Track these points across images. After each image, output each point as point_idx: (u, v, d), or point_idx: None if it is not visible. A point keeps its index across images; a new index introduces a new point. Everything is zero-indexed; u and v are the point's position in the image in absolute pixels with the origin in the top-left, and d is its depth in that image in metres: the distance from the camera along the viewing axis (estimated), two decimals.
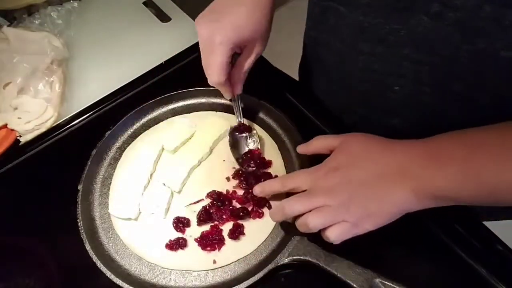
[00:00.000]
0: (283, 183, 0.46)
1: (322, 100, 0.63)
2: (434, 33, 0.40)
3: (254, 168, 0.53)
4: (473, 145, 0.38)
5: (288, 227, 0.49)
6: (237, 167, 0.54)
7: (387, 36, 0.44)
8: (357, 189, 0.41)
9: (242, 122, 0.56)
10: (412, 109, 0.50)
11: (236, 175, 0.53)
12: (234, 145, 0.55)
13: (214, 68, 0.49)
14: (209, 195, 0.52)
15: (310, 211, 0.41)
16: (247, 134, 0.56)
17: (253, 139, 0.56)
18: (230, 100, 0.57)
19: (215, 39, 0.47)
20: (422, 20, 0.40)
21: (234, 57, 0.52)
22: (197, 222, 0.50)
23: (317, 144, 0.48)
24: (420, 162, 0.40)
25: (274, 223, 0.50)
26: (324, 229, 0.41)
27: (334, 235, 0.40)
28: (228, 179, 0.54)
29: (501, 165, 0.35)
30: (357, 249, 0.40)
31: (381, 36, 0.44)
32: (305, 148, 0.49)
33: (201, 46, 0.49)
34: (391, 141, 0.43)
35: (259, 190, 0.48)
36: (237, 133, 0.56)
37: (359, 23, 0.45)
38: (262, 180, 0.52)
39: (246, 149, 0.55)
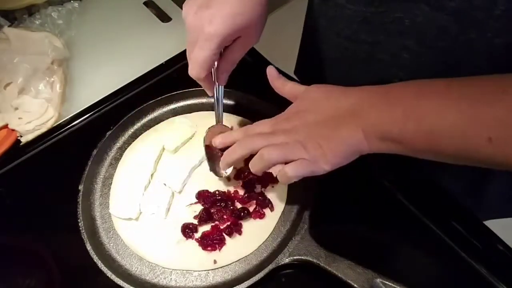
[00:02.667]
0: (245, 132, 0.47)
1: None
2: (433, 23, 0.41)
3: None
4: (421, 91, 0.39)
5: (288, 227, 0.49)
6: (238, 167, 0.54)
7: (391, 26, 0.44)
8: (313, 129, 0.42)
9: (221, 123, 0.53)
10: None
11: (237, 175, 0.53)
12: (211, 157, 0.52)
13: (196, 61, 0.44)
14: (200, 194, 0.52)
15: None
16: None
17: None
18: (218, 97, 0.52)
19: (203, 30, 0.42)
20: (423, 10, 0.40)
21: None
22: (198, 222, 0.50)
23: (281, 84, 0.49)
24: (371, 102, 0.41)
25: (275, 223, 0.50)
26: (282, 167, 0.42)
27: (292, 170, 0.41)
28: (228, 179, 0.54)
29: (441, 112, 0.36)
30: (357, 249, 0.40)
31: (385, 26, 0.45)
32: (273, 76, 0.49)
33: (187, 35, 0.45)
34: (351, 87, 0.44)
35: (219, 141, 0.48)
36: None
37: (362, 14, 0.45)
38: (263, 180, 0.52)
39: (219, 153, 0.50)
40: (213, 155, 0.52)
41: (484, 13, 0.37)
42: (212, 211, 0.51)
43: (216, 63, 0.48)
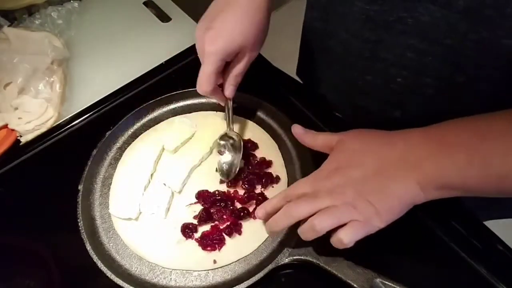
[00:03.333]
0: (285, 197, 0.43)
1: (322, 93, 0.63)
2: (441, 21, 0.40)
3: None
4: (479, 131, 0.37)
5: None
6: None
7: (394, 24, 0.44)
8: (360, 187, 0.39)
9: (232, 130, 0.55)
10: (413, 101, 0.50)
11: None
12: (221, 153, 0.54)
13: (202, 77, 0.48)
14: (200, 194, 0.52)
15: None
16: (231, 142, 0.54)
17: (236, 151, 0.53)
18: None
19: (205, 49, 0.46)
20: (429, 9, 0.40)
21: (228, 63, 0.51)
22: (197, 222, 0.50)
23: (310, 139, 0.47)
24: (422, 150, 0.38)
25: None
26: (335, 233, 0.39)
27: (347, 236, 0.38)
28: (230, 181, 0.54)
29: (508, 150, 0.34)
30: (357, 249, 0.40)
31: (388, 24, 0.44)
32: (300, 134, 0.48)
33: (198, 56, 0.50)
34: (389, 132, 0.42)
35: (261, 212, 0.44)
36: (223, 142, 0.54)
37: (366, 11, 0.45)
38: (263, 180, 0.52)
39: (229, 159, 0.53)
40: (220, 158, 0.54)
41: (496, 12, 0.36)
42: (212, 211, 0.51)
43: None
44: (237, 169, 0.52)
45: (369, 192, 0.39)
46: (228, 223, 0.50)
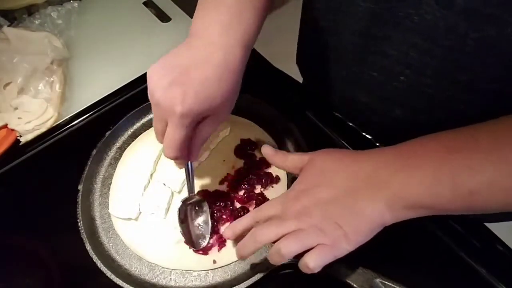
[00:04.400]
0: (254, 217, 0.42)
1: (323, 91, 0.62)
2: (441, 22, 0.40)
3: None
4: (446, 148, 0.36)
5: None
6: (237, 167, 0.54)
7: (403, 21, 0.43)
8: (328, 208, 0.38)
9: (194, 194, 0.50)
10: (415, 100, 0.50)
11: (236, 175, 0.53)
12: (184, 220, 0.49)
13: (173, 143, 0.41)
14: (200, 194, 0.52)
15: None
16: (196, 207, 0.50)
17: (204, 215, 0.49)
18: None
19: (175, 110, 0.39)
20: (432, 8, 0.39)
21: None
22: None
23: (280, 159, 0.46)
24: (390, 169, 0.37)
25: None
26: (301, 257, 0.38)
27: (313, 261, 0.37)
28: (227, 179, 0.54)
29: (476, 167, 0.34)
30: (357, 249, 0.40)
31: (397, 20, 0.43)
32: (270, 155, 0.46)
33: (153, 110, 0.42)
34: (358, 152, 0.41)
35: (229, 233, 0.43)
36: (187, 207, 0.50)
37: (372, 10, 0.44)
38: (263, 180, 0.52)
39: (196, 224, 0.49)
40: (187, 227, 0.49)
41: (504, 10, 0.35)
42: (212, 210, 0.51)
43: None
44: (208, 236, 0.48)
45: (337, 213, 0.38)
46: (229, 223, 0.50)
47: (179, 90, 0.39)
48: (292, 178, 0.53)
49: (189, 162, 0.47)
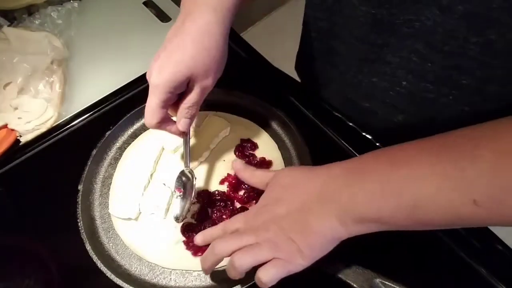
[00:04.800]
0: (223, 228, 0.44)
1: (324, 95, 0.62)
2: (441, 27, 0.40)
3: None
4: (395, 161, 0.36)
5: None
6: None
7: (401, 27, 0.43)
8: (283, 223, 0.39)
9: (188, 166, 0.51)
10: (416, 105, 0.50)
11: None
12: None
13: (147, 110, 0.44)
14: (200, 194, 0.52)
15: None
16: (184, 181, 0.51)
17: (187, 193, 0.50)
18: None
19: (150, 81, 0.43)
20: (433, 13, 0.39)
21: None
22: (196, 221, 0.50)
23: (248, 175, 0.47)
24: (340, 183, 0.38)
25: None
26: (256, 271, 0.38)
27: (267, 275, 0.37)
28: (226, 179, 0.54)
29: (421, 181, 0.33)
30: (357, 249, 0.40)
31: (395, 27, 0.44)
32: (240, 170, 0.48)
33: None
34: (319, 167, 0.42)
35: (200, 239, 0.45)
36: (177, 183, 0.51)
37: (372, 15, 0.45)
38: None
39: (180, 202, 0.50)
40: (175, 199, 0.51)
41: (505, 13, 0.35)
42: (212, 210, 0.50)
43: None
44: (186, 212, 0.49)
45: (291, 228, 0.38)
46: None
47: (155, 64, 0.43)
48: None
49: (187, 136, 0.50)
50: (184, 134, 0.50)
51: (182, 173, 0.51)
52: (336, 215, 0.37)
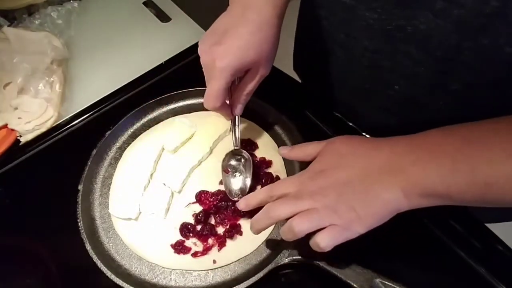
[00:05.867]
0: (268, 192, 0.44)
1: (320, 97, 0.63)
2: (434, 32, 0.40)
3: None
4: (464, 138, 0.36)
5: None
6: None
7: (393, 33, 0.43)
8: (343, 190, 0.39)
9: (238, 148, 0.54)
10: (409, 109, 0.50)
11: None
12: (226, 171, 0.53)
13: (210, 93, 0.46)
14: (200, 195, 0.52)
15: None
16: (242, 162, 0.53)
17: (246, 171, 0.52)
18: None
19: (215, 64, 0.45)
20: (427, 18, 0.39)
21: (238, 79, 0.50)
22: (194, 221, 0.50)
23: (299, 151, 0.47)
24: (409, 156, 0.38)
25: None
26: (313, 236, 0.39)
27: (324, 241, 0.38)
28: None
29: (495, 158, 0.33)
30: (357, 249, 0.40)
31: (387, 33, 0.44)
32: (286, 153, 0.48)
33: (204, 71, 0.48)
34: (378, 139, 0.42)
35: (243, 204, 0.45)
36: (233, 162, 0.53)
37: (365, 19, 0.45)
38: (263, 181, 0.52)
39: (240, 181, 0.52)
40: (228, 177, 0.52)
41: (498, 20, 0.35)
42: (213, 211, 0.51)
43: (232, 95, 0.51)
44: (248, 189, 0.51)
45: (352, 196, 0.39)
46: (227, 226, 0.50)
47: (219, 49, 0.44)
48: None
49: (236, 117, 0.53)
50: (233, 118, 0.53)
51: (232, 154, 0.53)
52: (403, 187, 0.37)
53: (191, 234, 0.49)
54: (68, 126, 0.61)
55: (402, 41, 0.43)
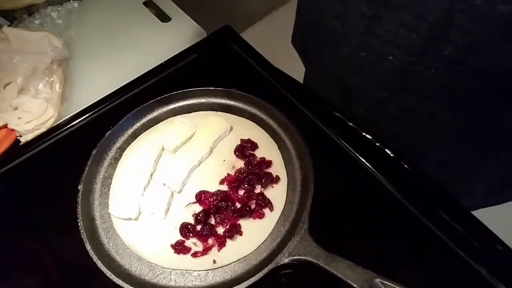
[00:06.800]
0: None
1: (317, 73, 0.62)
2: None
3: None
4: None
5: (288, 227, 0.49)
6: (237, 167, 0.54)
7: None
8: None
9: None
10: (401, 80, 0.50)
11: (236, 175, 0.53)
12: None
13: None
14: (200, 195, 0.52)
15: None
16: None
17: None
18: None
19: None
20: None
21: None
22: (194, 221, 0.50)
23: None
24: None
25: (275, 223, 0.50)
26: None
27: None
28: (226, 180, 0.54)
29: None
30: (357, 249, 0.40)
31: None
32: None
33: None
34: None
35: None
36: None
37: None
38: (263, 180, 0.52)
39: None
40: None
41: None
42: (213, 211, 0.51)
43: None
44: None
45: None
46: (227, 226, 0.50)
47: None
48: (292, 178, 0.53)
49: None
50: None
51: None
52: None
53: (191, 234, 0.49)
54: (68, 126, 0.61)
55: (400, 7, 0.43)
